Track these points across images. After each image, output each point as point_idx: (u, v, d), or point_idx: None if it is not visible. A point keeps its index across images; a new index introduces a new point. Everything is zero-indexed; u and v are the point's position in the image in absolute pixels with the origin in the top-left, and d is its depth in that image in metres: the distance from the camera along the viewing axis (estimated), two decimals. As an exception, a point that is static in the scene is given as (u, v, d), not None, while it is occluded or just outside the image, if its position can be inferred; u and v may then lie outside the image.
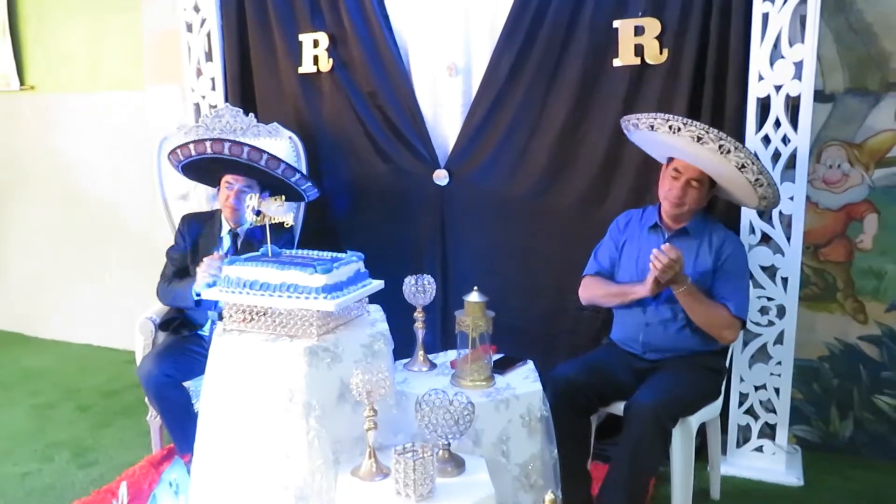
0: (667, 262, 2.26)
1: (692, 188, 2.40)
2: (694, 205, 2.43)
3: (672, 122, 2.26)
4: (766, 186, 2.29)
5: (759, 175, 2.26)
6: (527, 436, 2.15)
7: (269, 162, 2.66)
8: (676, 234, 2.48)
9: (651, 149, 2.58)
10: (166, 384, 2.61)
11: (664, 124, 2.28)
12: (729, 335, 2.40)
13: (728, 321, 2.37)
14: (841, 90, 2.84)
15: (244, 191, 2.73)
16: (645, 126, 2.38)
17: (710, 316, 2.37)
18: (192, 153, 2.67)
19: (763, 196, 2.34)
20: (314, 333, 1.96)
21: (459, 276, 3.11)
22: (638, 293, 2.42)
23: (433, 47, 3.09)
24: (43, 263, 4.62)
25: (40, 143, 4.46)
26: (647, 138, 2.49)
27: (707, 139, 2.21)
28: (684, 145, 2.30)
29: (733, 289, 2.40)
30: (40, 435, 3.31)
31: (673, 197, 2.42)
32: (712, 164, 2.31)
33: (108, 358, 4.29)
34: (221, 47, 3.40)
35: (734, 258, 2.43)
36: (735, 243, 2.47)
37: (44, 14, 4.30)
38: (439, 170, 3.11)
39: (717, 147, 2.21)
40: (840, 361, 2.98)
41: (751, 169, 2.24)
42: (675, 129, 2.26)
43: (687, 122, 2.24)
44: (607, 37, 2.79)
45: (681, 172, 2.41)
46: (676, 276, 2.30)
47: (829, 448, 3.02)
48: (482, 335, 2.19)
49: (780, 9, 2.51)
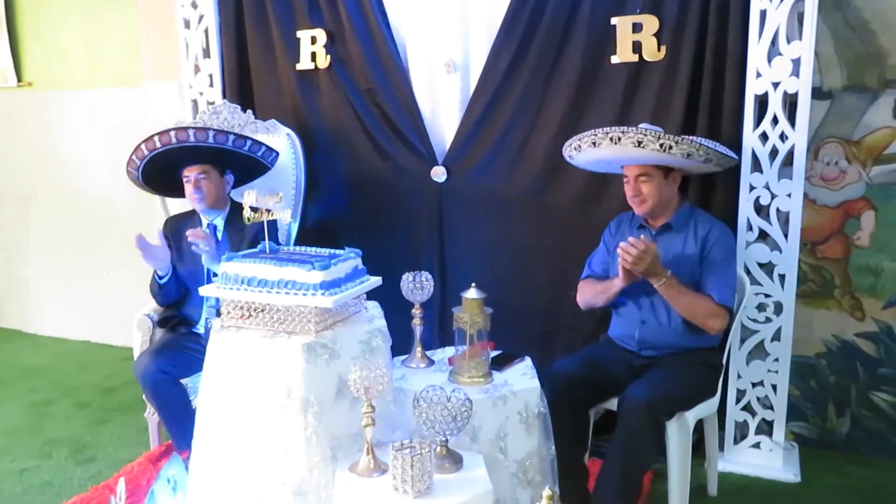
0: (635, 254, 2.28)
1: (642, 183, 2.44)
2: (656, 196, 2.44)
3: (573, 143, 2.46)
4: (679, 145, 2.28)
5: (662, 140, 2.27)
6: (524, 432, 2.15)
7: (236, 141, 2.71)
8: (661, 230, 2.51)
9: (606, 170, 2.64)
10: (163, 381, 2.61)
11: (605, 138, 2.35)
12: (714, 324, 2.39)
13: (712, 310, 2.37)
14: (839, 87, 2.84)
15: (199, 177, 2.75)
16: (572, 150, 2.52)
17: (694, 307, 2.38)
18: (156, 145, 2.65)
19: (687, 153, 2.31)
20: (312, 330, 1.97)
21: (457, 272, 3.11)
22: (616, 286, 2.45)
23: (431, 44, 3.09)
24: (40, 260, 4.62)
25: (38, 140, 4.46)
26: (591, 165, 2.61)
27: (598, 139, 2.36)
28: (609, 153, 2.38)
29: (717, 277, 2.40)
30: (38, 432, 3.32)
31: (631, 197, 2.48)
32: (632, 155, 2.36)
33: (106, 355, 4.29)
34: (219, 44, 3.40)
35: (717, 247, 2.44)
36: (720, 231, 2.47)
37: (41, 10, 4.29)
38: (437, 167, 3.11)
39: (609, 140, 2.32)
40: (837, 358, 2.98)
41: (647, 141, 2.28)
42: (577, 148, 2.45)
43: (581, 136, 2.41)
44: (605, 34, 2.79)
45: (628, 175, 2.47)
46: (654, 269, 2.32)
47: (826, 445, 3.03)
48: (480, 332, 2.20)
49: (777, 6, 2.51)
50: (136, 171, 2.76)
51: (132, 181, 2.82)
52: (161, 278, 2.79)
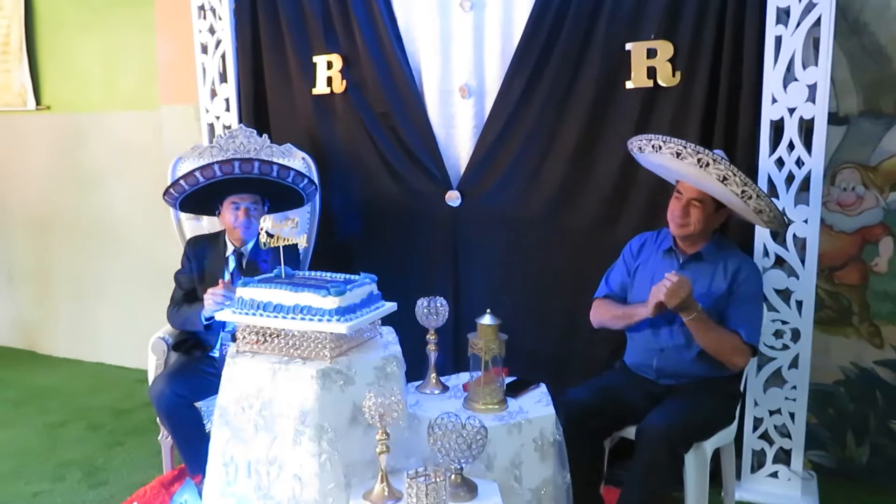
0: (672, 288, 2.25)
1: (694, 208, 2.39)
2: (699, 225, 2.40)
3: (654, 142, 2.29)
4: (757, 199, 2.24)
5: (745, 187, 2.22)
6: (539, 460, 2.14)
7: (280, 171, 2.70)
8: (690, 259, 2.47)
9: (661, 173, 2.58)
10: (178, 404, 2.61)
11: (647, 144, 2.30)
12: (740, 361, 2.37)
13: (739, 348, 2.35)
14: (855, 113, 2.83)
15: (251, 207, 2.75)
16: (635, 148, 2.41)
17: (721, 343, 2.35)
18: (199, 180, 2.64)
19: (758, 209, 2.28)
20: (327, 356, 1.96)
21: (472, 298, 3.10)
22: (640, 314, 2.42)
23: (446, 69, 3.11)
24: (55, 281, 4.64)
25: (55, 163, 4.50)
26: (652, 162, 2.50)
27: (685, 153, 2.22)
28: (672, 164, 2.30)
29: (746, 315, 2.38)
30: (52, 454, 3.32)
31: (676, 217, 2.42)
32: (706, 183, 2.30)
33: (120, 377, 4.30)
34: (236, 68, 3.43)
35: (748, 283, 2.41)
36: (751, 269, 2.45)
37: (60, 35, 4.35)
38: (451, 191, 3.11)
39: (696, 161, 2.21)
40: (856, 386, 2.95)
41: (733, 181, 2.21)
42: (656, 148, 2.29)
43: (667, 139, 2.25)
44: (620, 59, 2.79)
45: (682, 193, 2.41)
46: (685, 303, 2.28)
47: (845, 474, 2.98)
48: (495, 358, 2.19)
49: (793, 32, 2.51)
50: (178, 195, 2.72)
51: (167, 201, 2.77)
52: (209, 319, 2.68)
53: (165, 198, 2.74)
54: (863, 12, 2.77)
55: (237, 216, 2.74)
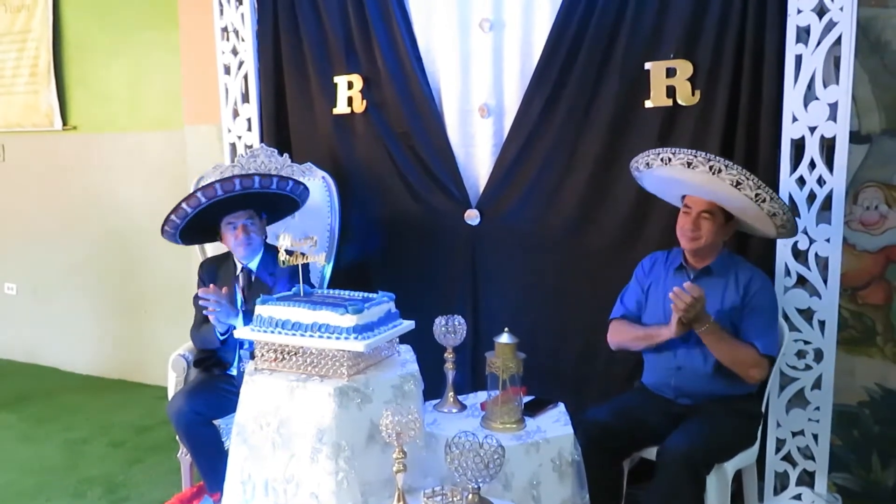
0: (689, 301, 2.23)
1: (704, 220, 2.38)
2: (710, 237, 2.39)
3: (663, 154, 2.29)
4: (771, 202, 2.23)
5: (759, 190, 2.21)
6: (558, 480, 2.13)
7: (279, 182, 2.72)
8: (701, 274, 2.47)
9: (665, 194, 2.58)
10: (196, 422, 2.62)
11: (656, 158, 2.30)
12: (756, 374, 2.35)
13: (755, 360, 2.33)
14: (877, 131, 2.81)
15: (248, 223, 2.76)
16: (641, 165, 2.41)
17: (736, 355, 2.33)
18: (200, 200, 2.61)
19: (771, 212, 2.26)
20: (345, 374, 1.97)
21: (490, 316, 3.09)
22: (663, 336, 2.40)
23: (465, 88, 3.12)
24: (79, 298, 4.70)
25: (81, 182, 4.57)
26: (657, 183, 2.51)
27: (696, 162, 2.22)
28: (692, 179, 2.29)
29: (761, 326, 2.36)
30: (73, 470, 3.34)
31: (686, 230, 2.41)
32: (710, 188, 2.29)
33: (141, 394, 4.33)
34: (258, 89, 3.47)
35: (761, 295, 2.39)
36: (762, 280, 2.44)
37: (87, 57, 4.44)
38: (471, 210, 3.12)
39: (708, 168, 2.20)
40: (881, 407, 2.90)
41: (747, 185, 2.20)
42: (665, 161, 2.29)
43: (675, 151, 2.26)
44: (639, 78, 2.79)
45: (690, 207, 2.41)
46: (699, 316, 2.27)
47: (870, 497, 2.93)
48: (513, 377, 2.19)
49: (813, 50, 2.50)
50: (174, 229, 2.71)
51: (167, 237, 2.77)
52: (223, 334, 2.70)
53: (164, 236, 2.75)
54: (884, 31, 2.75)
55: (236, 235, 2.76)
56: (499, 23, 3.03)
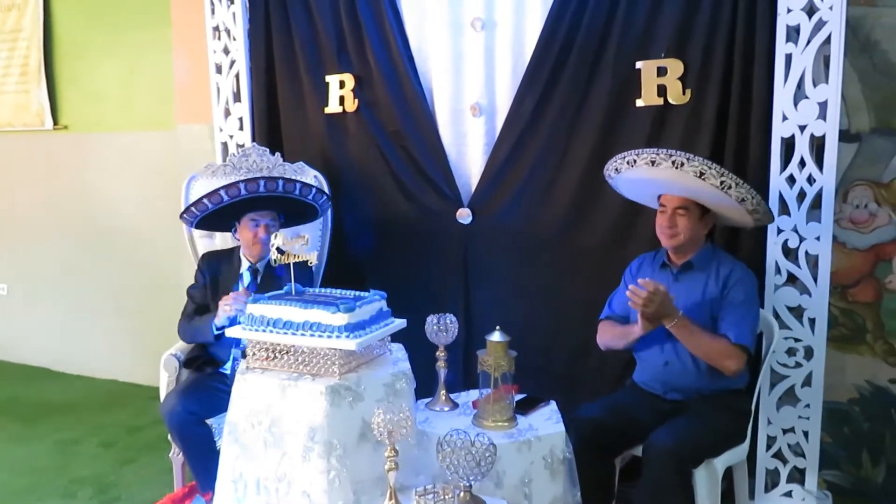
0: (645, 296, 2.26)
1: (679, 216, 2.42)
2: (687, 232, 2.42)
3: (628, 157, 2.36)
4: (736, 187, 2.26)
5: (723, 177, 2.25)
6: (549, 478, 2.13)
7: (302, 189, 2.73)
8: (682, 269, 2.49)
9: (640, 196, 2.62)
10: (189, 421, 2.61)
11: (622, 162, 2.35)
12: (731, 365, 2.35)
13: (727, 350, 2.34)
14: (867, 130, 2.82)
15: (270, 224, 2.77)
16: (611, 171, 2.46)
17: (708, 347, 2.35)
18: (222, 199, 2.64)
19: (740, 198, 2.30)
20: (336, 372, 1.97)
21: (482, 315, 3.10)
22: (634, 332, 2.42)
23: (457, 88, 3.13)
24: (70, 299, 4.68)
25: (72, 181, 4.55)
26: (629, 186, 2.55)
27: (659, 160, 2.27)
28: (664, 176, 2.32)
29: (735, 317, 2.38)
30: (64, 471, 3.33)
31: (664, 228, 2.44)
32: (687, 186, 2.33)
33: (132, 394, 4.32)
34: (249, 88, 3.47)
35: (738, 287, 2.41)
36: (742, 272, 2.46)
37: (78, 56, 4.42)
38: (463, 208, 3.12)
39: (671, 163, 2.25)
40: (871, 404, 2.92)
41: (710, 174, 2.25)
42: (631, 163, 2.35)
43: (639, 152, 2.32)
44: (630, 77, 2.80)
45: (665, 205, 2.45)
46: (664, 310, 2.29)
47: (860, 493, 2.95)
48: (504, 375, 2.19)
49: (803, 49, 2.52)
50: (192, 219, 2.73)
51: (183, 222, 2.79)
52: (220, 328, 2.69)
53: (185, 216, 2.75)
54: (874, 30, 2.77)
55: (256, 233, 2.77)
56: (490, 22, 3.04)
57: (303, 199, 2.77)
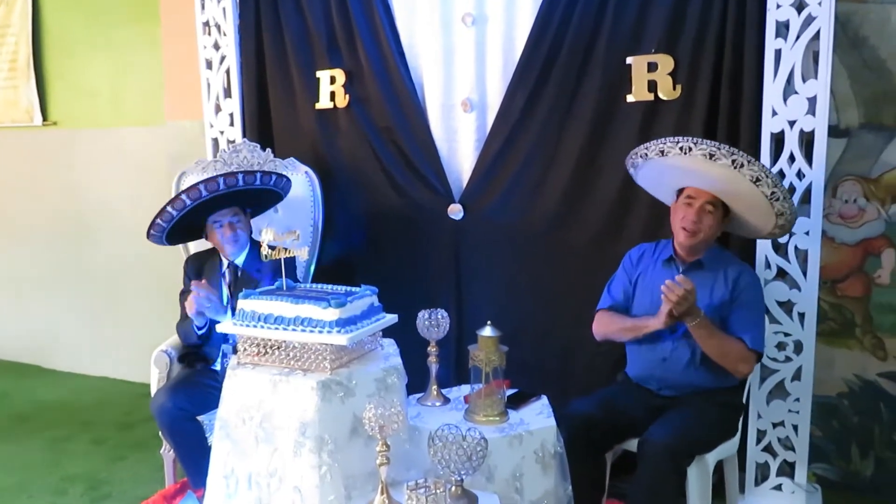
0: (682, 294, 2.23)
1: (707, 213, 2.38)
2: (708, 232, 2.40)
3: (682, 143, 2.26)
4: (783, 201, 2.25)
5: (775, 188, 2.22)
6: (541, 472, 2.14)
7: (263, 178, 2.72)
8: (691, 267, 2.47)
9: (658, 187, 2.58)
10: (180, 417, 2.61)
11: (674, 146, 2.27)
12: (744, 368, 2.37)
13: (743, 354, 2.35)
14: (856, 125, 2.84)
15: (234, 220, 2.76)
16: (655, 153, 2.36)
17: (725, 349, 2.35)
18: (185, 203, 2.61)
19: (780, 212, 2.28)
20: (327, 367, 1.97)
21: (474, 310, 3.11)
22: (651, 326, 2.39)
23: (448, 83, 3.12)
24: (61, 295, 4.66)
25: (61, 178, 4.53)
26: (652, 175, 2.49)
27: (719, 155, 2.21)
28: (696, 166, 2.29)
29: (749, 321, 2.38)
30: (55, 468, 3.32)
31: (689, 223, 2.39)
32: (726, 182, 2.29)
33: (124, 391, 4.31)
34: (240, 84, 3.46)
35: (749, 290, 2.41)
36: (751, 276, 2.46)
37: (67, 51, 4.39)
38: (454, 204, 3.12)
39: (731, 161, 2.20)
40: (860, 398, 2.94)
41: (766, 182, 2.21)
42: (685, 150, 2.26)
43: (697, 140, 2.24)
44: (620, 73, 2.81)
45: (694, 198, 2.39)
46: (689, 309, 2.28)
47: (849, 487, 2.97)
48: (496, 370, 2.19)
49: (792, 45, 2.53)
50: (160, 233, 2.71)
51: (154, 241, 2.76)
52: (200, 328, 2.72)
53: (151, 239, 2.73)
54: (863, 26, 2.78)
55: (223, 234, 2.76)
56: (481, 17, 3.03)
57: (265, 187, 2.75)
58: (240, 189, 2.68)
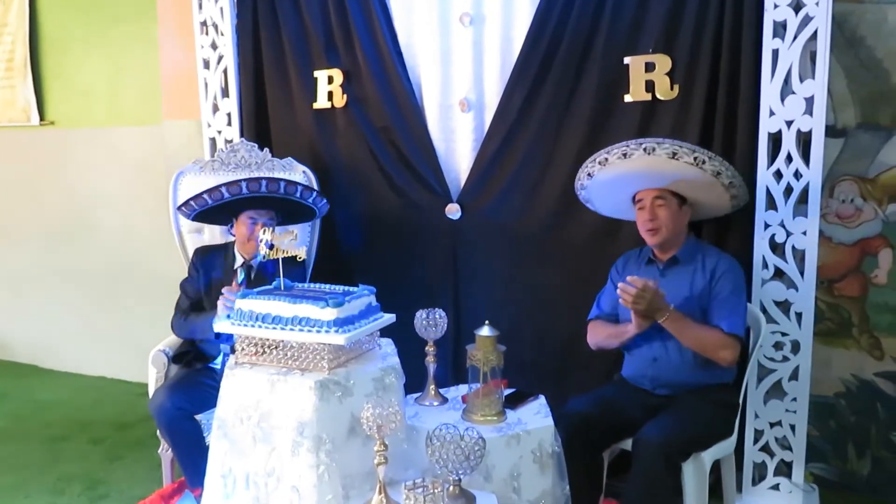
0: (634, 293, 2.27)
1: (659, 207, 2.45)
2: (670, 224, 2.45)
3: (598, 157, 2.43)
4: (710, 161, 2.33)
5: (695, 153, 2.31)
6: (538, 471, 2.14)
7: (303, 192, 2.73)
8: (669, 264, 2.51)
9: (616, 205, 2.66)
10: (178, 417, 2.61)
11: (594, 165, 2.41)
12: (726, 355, 2.37)
13: (722, 341, 2.36)
14: (853, 125, 2.84)
15: (268, 223, 2.76)
16: (583, 176, 2.51)
17: (702, 339, 2.37)
18: (223, 195, 2.64)
19: (715, 171, 2.35)
20: (325, 367, 1.97)
21: (471, 310, 3.11)
22: (629, 332, 2.44)
23: (446, 83, 3.13)
24: (58, 295, 4.66)
25: (59, 177, 4.53)
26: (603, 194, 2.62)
27: (630, 150, 2.34)
28: (638, 166, 2.36)
29: (725, 308, 2.40)
30: (53, 467, 3.32)
31: (645, 222, 2.46)
32: (661, 172, 2.36)
33: (121, 390, 4.30)
34: (237, 83, 3.45)
35: (725, 278, 2.44)
36: (728, 263, 2.48)
37: (64, 51, 4.39)
38: (452, 204, 3.13)
39: (643, 150, 2.32)
40: (857, 398, 2.94)
41: (682, 152, 2.32)
42: (602, 162, 2.42)
43: (609, 149, 2.40)
44: (618, 73, 2.81)
45: (643, 199, 2.47)
46: (656, 305, 2.30)
47: (847, 487, 2.97)
48: (493, 369, 2.19)
49: (789, 45, 2.53)
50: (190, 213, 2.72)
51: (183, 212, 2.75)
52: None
53: (183, 208, 2.73)
54: (860, 26, 2.78)
55: (254, 230, 2.74)
56: (479, 17, 3.04)
57: (303, 201, 2.77)
58: (278, 196, 2.70)
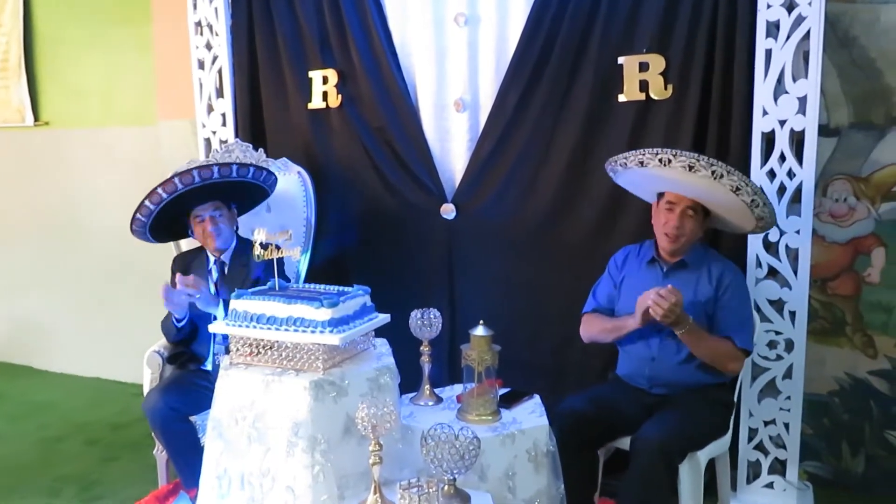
0: (667, 307, 2.25)
1: (688, 217, 2.40)
2: (691, 235, 2.43)
3: (662, 155, 2.26)
4: (763, 207, 2.27)
5: (755, 196, 2.24)
6: (533, 471, 2.14)
7: (239, 170, 2.70)
8: (674, 267, 2.49)
9: (639, 188, 2.60)
10: (172, 418, 2.61)
11: (653, 158, 2.28)
12: (734, 367, 2.40)
13: (733, 354, 2.37)
14: (846, 124, 2.85)
15: (215, 214, 2.76)
16: (634, 163, 2.37)
17: (715, 351, 2.37)
18: (162, 197, 2.63)
19: (760, 216, 2.31)
20: (320, 367, 1.97)
21: (466, 309, 3.11)
22: (629, 326, 2.43)
23: (441, 83, 3.13)
24: (53, 296, 4.65)
25: (53, 178, 4.52)
26: (633, 178, 2.51)
27: (699, 167, 2.22)
28: (676, 176, 2.30)
29: (736, 320, 2.40)
30: (48, 468, 3.31)
31: (671, 229, 2.41)
32: (705, 190, 2.31)
33: (116, 391, 4.30)
34: (232, 84, 3.45)
35: (734, 288, 2.43)
36: (734, 273, 2.47)
37: (59, 51, 4.38)
38: (447, 204, 3.13)
39: (710, 173, 2.21)
40: (850, 396, 2.95)
41: (745, 191, 2.23)
42: (665, 162, 2.26)
43: (676, 152, 2.25)
44: (612, 73, 2.81)
45: (675, 203, 2.41)
46: (678, 318, 2.30)
47: (841, 485, 2.98)
48: (488, 369, 2.20)
49: (782, 45, 2.54)
50: (142, 228, 2.74)
51: (138, 237, 2.78)
52: (179, 321, 2.74)
53: (135, 235, 2.76)
54: (852, 26, 2.79)
55: (204, 228, 2.77)
56: (474, 17, 3.04)
57: (242, 179, 2.74)
58: (220, 182, 2.68)
